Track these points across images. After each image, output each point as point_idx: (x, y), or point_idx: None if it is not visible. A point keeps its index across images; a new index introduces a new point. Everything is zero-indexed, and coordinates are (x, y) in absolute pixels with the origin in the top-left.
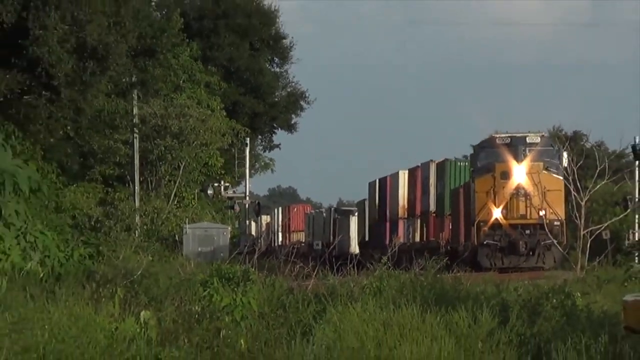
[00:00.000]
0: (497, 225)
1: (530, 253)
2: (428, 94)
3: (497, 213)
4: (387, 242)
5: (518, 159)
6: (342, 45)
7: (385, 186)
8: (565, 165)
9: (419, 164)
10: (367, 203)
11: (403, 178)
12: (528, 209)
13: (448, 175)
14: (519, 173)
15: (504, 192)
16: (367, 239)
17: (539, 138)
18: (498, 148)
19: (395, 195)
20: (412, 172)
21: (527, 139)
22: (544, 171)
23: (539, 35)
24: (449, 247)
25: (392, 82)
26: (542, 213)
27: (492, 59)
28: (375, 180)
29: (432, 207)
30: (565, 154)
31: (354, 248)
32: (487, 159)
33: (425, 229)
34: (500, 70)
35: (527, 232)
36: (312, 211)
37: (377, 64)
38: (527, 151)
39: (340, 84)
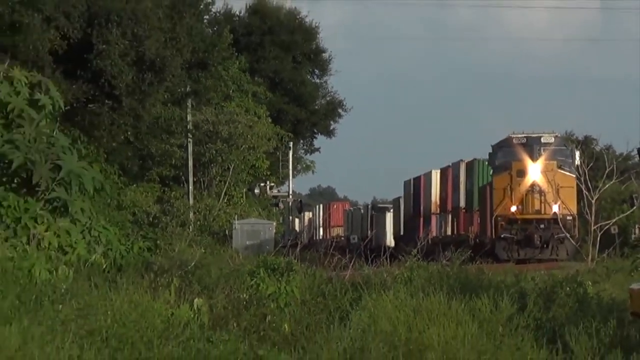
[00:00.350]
0: (513, 219)
1: (545, 246)
2: (453, 101)
3: (513, 208)
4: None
5: (533, 157)
6: (376, 57)
7: (419, 184)
8: (578, 163)
9: (450, 164)
10: (402, 200)
11: (435, 177)
12: (542, 204)
13: (476, 174)
14: (534, 171)
15: (520, 188)
16: (402, 233)
17: (553, 138)
18: (515, 147)
19: (428, 192)
20: (443, 171)
21: (541, 139)
22: (558, 169)
23: (555, 49)
24: (477, 240)
25: (419, 90)
26: (555, 208)
27: (509, 69)
28: (410, 179)
29: (462, 203)
30: (577, 153)
31: (389, 241)
32: (504, 157)
33: (455, 223)
34: (517, 80)
35: (542, 226)
36: (351, 208)
37: (406, 73)
38: (542, 150)
39: (374, 93)
